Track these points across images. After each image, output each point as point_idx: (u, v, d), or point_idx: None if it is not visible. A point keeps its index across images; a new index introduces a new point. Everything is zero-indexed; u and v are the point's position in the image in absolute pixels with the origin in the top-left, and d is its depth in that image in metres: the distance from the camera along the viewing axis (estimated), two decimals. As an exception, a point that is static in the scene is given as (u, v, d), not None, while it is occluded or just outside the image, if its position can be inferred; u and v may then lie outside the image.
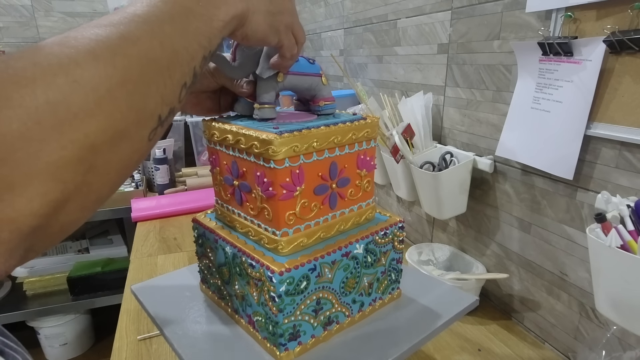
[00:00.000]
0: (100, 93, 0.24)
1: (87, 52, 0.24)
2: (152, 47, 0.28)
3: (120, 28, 0.27)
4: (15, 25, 1.95)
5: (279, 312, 0.45)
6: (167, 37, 0.29)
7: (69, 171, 0.23)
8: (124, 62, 0.26)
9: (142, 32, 0.28)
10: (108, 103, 0.24)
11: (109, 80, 0.25)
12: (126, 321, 0.83)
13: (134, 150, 0.28)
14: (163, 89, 0.29)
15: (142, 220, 1.34)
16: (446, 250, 0.97)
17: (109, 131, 0.25)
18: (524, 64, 0.71)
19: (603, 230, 0.54)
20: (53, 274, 1.75)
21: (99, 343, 1.95)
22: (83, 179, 0.24)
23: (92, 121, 0.23)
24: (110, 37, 0.26)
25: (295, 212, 0.47)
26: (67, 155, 0.22)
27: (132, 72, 0.26)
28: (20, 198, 0.21)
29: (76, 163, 0.23)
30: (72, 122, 0.23)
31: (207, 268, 0.59)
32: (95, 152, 0.24)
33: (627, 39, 0.54)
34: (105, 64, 0.25)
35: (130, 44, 0.27)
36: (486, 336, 0.78)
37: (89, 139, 0.23)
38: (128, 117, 0.26)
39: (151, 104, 0.28)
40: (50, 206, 0.22)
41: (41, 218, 0.22)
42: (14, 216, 0.21)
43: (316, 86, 0.53)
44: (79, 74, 0.23)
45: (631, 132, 0.56)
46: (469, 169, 0.84)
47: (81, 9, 2.03)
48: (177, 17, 0.30)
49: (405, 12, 1.05)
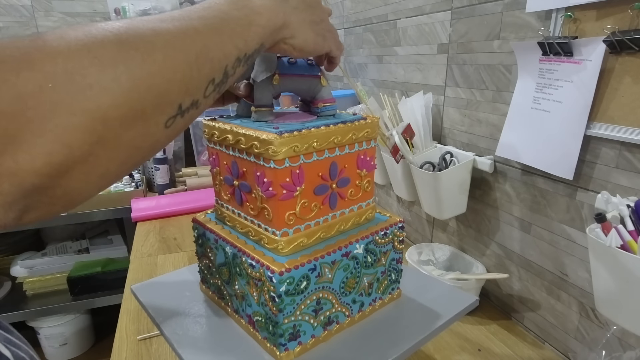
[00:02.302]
0: (119, 70, 0.25)
1: (113, 35, 0.26)
2: (180, 38, 0.29)
3: (150, 22, 0.28)
4: (15, 25, 1.95)
5: (279, 312, 0.45)
6: (198, 33, 0.31)
7: (76, 138, 0.24)
8: (147, 47, 0.27)
9: (172, 26, 0.29)
10: (125, 81, 0.25)
11: (129, 60, 0.26)
12: (126, 321, 0.83)
13: (148, 133, 0.28)
14: (188, 79, 0.30)
15: (142, 220, 1.34)
16: (446, 250, 0.97)
17: (123, 107, 0.25)
18: (524, 64, 0.71)
19: (603, 230, 0.54)
20: (53, 274, 1.75)
21: (99, 343, 1.95)
22: (90, 148, 0.25)
23: (107, 95, 0.24)
24: (139, 27, 0.28)
25: (295, 212, 0.47)
26: (75, 122, 0.23)
27: (156, 57, 0.27)
28: (24, 153, 0.22)
29: (84, 131, 0.24)
30: (86, 92, 0.24)
31: (207, 268, 0.59)
32: (106, 126, 0.25)
33: (627, 39, 0.54)
34: (128, 46, 0.26)
35: (158, 34, 0.28)
36: (486, 336, 0.78)
37: (100, 111, 0.24)
38: (146, 98, 0.27)
39: (173, 91, 0.29)
40: (53, 167, 0.23)
41: (43, 177, 0.23)
42: (16, 169, 0.22)
43: (315, 87, 0.53)
44: (101, 52, 0.25)
45: (631, 132, 0.56)
46: (469, 169, 0.84)
47: (81, 9, 2.03)
48: (213, 19, 0.32)
49: (405, 12, 1.05)
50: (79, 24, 0.26)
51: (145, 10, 1.96)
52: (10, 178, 0.22)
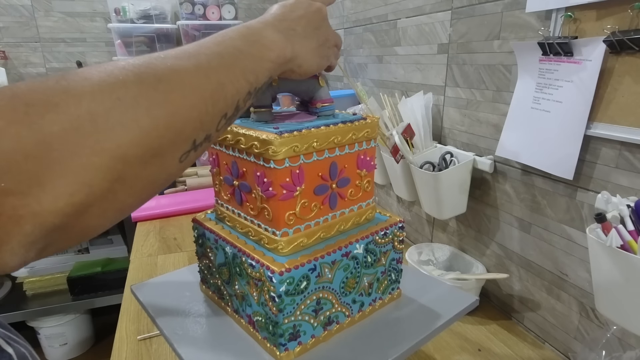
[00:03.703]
0: (140, 112, 0.26)
1: (134, 75, 0.27)
2: (197, 76, 0.30)
3: (168, 60, 0.29)
4: (15, 25, 1.94)
5: (279, 312, 0.45)
6: (212, 70, 0.31)
7: (97, 177, 0.24)
8: (167, 87, 0.28)
9: (189, 64, 0.30)
10: (145, 121, 0.26)
11: (149, 100, 0.27)
12: (126, 321, 0.83)
13: (163, 169, 0.29)
14: (203, 116, 0.31)
15: (142, 220, 1.34)
16: (446, 250, 0.97)
17: (142, 146, 0.26)
18: (524, 64, 0.71)
19: (603, 230, 0.54)
20: (53, 274, 1.75)
21: (99, 343, 1.95)
22: (110, 186, 0.25)
23: (127, 135, 0.25)
24: (158, 65, 0.28)
25: (295, 212, 0.47)
26: (97, 162, 0.24)
27: (174, 96, 0.28)
28: (47, 195, 0.22)
29: (105, 170, 0.24)
30: (108, 132, 0.24)
31: (207, 268, 0.59)
32: (126, 164, 0.25)
33: (627, 39, 0.54)
34: (148, 87, 0.27)
35: (176, 72, 0.29)
36: (486, 336, 0.78)
37: (120, 150, 0.25)
38: (164, 136, 0.28)
39: (189, 128, 0.30)
40: (74, 207, 0.24)
41: (64, 217, 0.23)
42: (39, 211, 0.22)
43: (313, 88, 0.53)
44: (123, 93, 0.26)
45: (631, 132, 0.56)
46: (469, 169, 0.84)
47: (81, 9, 2.03)
48: (227, 55, 0.33)
49: (405, 12, 1.05)
50: (100, 63, 0.27)
51: (145, 10, 1.96)
52: (33, 219, 0.22)
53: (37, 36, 1.99)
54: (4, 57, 1.95)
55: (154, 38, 2.01)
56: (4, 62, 1.95)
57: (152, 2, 1.97)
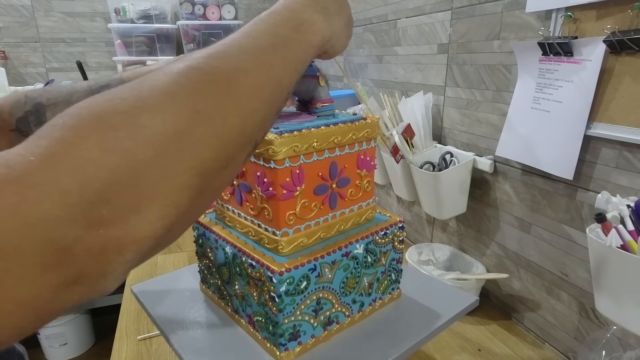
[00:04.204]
0: (217, 124, 0.25)
1: (207, 83, 0.26)
2: (259, 76, 0.29)
3: (231, 60, 0.28)
4: (15, 25, 1.95)
5: (279, 312, 0.45)
6: (272, 68, 0.30)
7: (184, 196, 0.24)
8: (237, 94, 0.27)
9: (251, 64, 0.29)
10: (223, 133, 0.26)
11: (224, 110, 0.26)
12: (126, 321, 0.83)
13: (232, 174, 0.29)
14: (267, 115, 0.30)
15: (142, 220, 1.34)
16: (446, 250, 0.97)
17: (221, 158, 0.26)
18: (524, 64, 0.71)
19: (603, 230, 0.54)
20: (53, 274, 1.75)
21: (99, 343, 1.94)
22: (192, 202, 0.25)
23: (209, 150, 0.25)
24: (225, 69, 0.27)
25: (296, 212, 0.47)
26: (184, 182, 0.24)
27: (244, 101, 0.28)
28: (143, 221, 0.22)
29: (189, 188, 0.24)
30: (192, 151, 0.24)
31: (207, 268, 0.59)
32: (207, 178, 0.25)
33: (627, 39, 0.54)
34: (221, 94, 0.26)
35: (243, 74, 0.28)
36: (486, 336, 0.78)
37: (204, 166, 0.25)
38: (236, 143, 0.27)
39: (255, 131, 0.29)
40: (166, 228, 0.23)
41: (157, 240, 0.23)
42: (139, 238, 0.22)
43: (313, 88, 0.53)
44: (201, 104, 0.25)
45: (631, 132, 0.56)
46: (469, 169, 0.84)
47: (81, 9, 2.03)
48: (279, 47, 0.32)
49: (405, 12, 1.05)
50: (161, 64, 0.26)
51: (145, 10, 1.96)
52: (133, 247, 0.22)
53: (37, 36, 1.99)
54: (4, 57, 1.95)
55: (154, 38, 2.01)
56: (4, 62, 1.95)
57: (152, 2, 1.97)
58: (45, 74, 2.03)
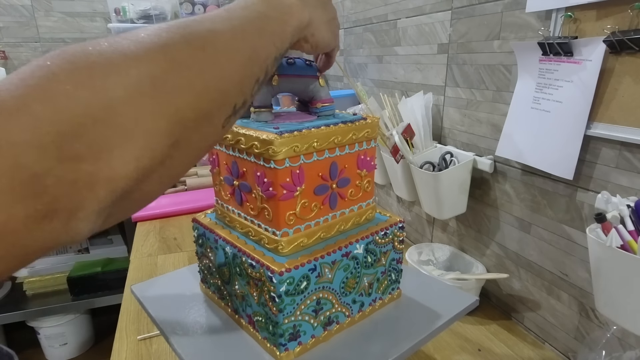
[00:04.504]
0: (193, 74, 0.26)
1: (180, 37, 0.27)
2: (235, 40, 0.31)
3: (205, 23, 0.29)
4: (15, 25, 1.95)
5: (279, 312, 0.45)
6: (247, 34, 0.32)
7: (159, 141, 0.24)
8: (212, 50, 0.28)
9: (226, 28, 0.30)
10: (199, 84, 0.27)
11: (200, 63, 0.27)
12: (126, 321, 0.83)
13: (210, 134, 0.30)
14: (244, 79, 0.31)
15: (142, 220, 1.34)
16: (446, 250, 0.97)
17: (196, 110, 0.27)
18: (524, 64, 0.71)
19: (603, 230, 0.54)
20: (53, 274, 1.75)
21: (99, 343, 1.95)
22: (168, 151, 0.25)
23: (184, 98, 0.26)
24: (199, 29, 0.29)
25: (296, 212, 0.47)
26: (159, 125, 0.24)
27: (221, 59, 0.29)
28: (117, 160, 0.22)
29: (165, 134, 0.25)
30: (167, 96, 0.25)
31: (207, 268, 0.59)
32: (182, 128, 0.26)
33: (627, 39, 0.54)
34: (196, 48, 0.27)
35: (218, 35, 0.29)
36: (486, 336, 0.78)
37: (179, 114, 0.25)
38: (214, 99, 0.28)
39: (233, 91, 0.30)
40: (140, 172, 0.24)
41: (132, 182, 0.24)
42: (111, 175, 0.22)
43: (313, 88, 0.53)
44: (176, 55, 0.26)
45: (631, 132, 0.56)
46: (469, 169, 0.84)
47: (81, 9, 2.03)
48: (255, 19, 0.34)
49: (405, 12, 1.05)
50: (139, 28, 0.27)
51: (145, 10, 1.96)
52: (106, 184, 0.22)
53: (37, 36, 1.99)
54: (4, 57, 1.95)
55: (154, 38, 2.01)
56: (4, 62, 1.95)
57: (152, 2, 1.97)
58: (45, 74, 2.03)
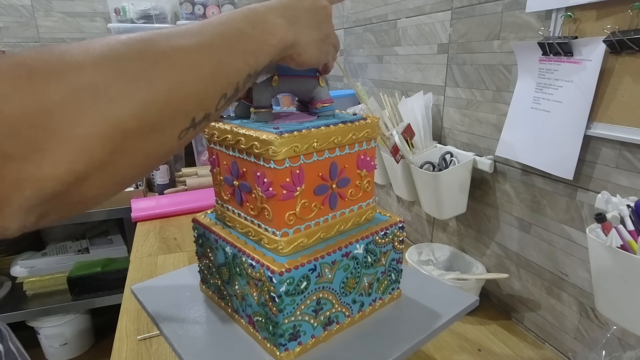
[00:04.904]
0: (140, 85, 0.26)
1: (135, 50, 0.27)
2: (198, 54, 0.31)
3: (171, 38, 0.30)
4: (15, 25, 1.94)
5: (279, 313, 0.45)
6: (214, 49, 0.32)
7: (96, 147, 0.25)
8: (167, 63, 0.28)
9: (191, 43, 0.31)
10: (146, 95, 0.27)
11: (150, 75, 0.27)
12: (126, 321, 0.83)
13: (162, 144, 0.29)
14: (203, 94, 0.31)
15: (142, 220, 1.34)
16: (446, 250, 0.97)
17: (141, 120, 0.27)
18: (524, 64, 0.71)
19: (603, 230, 0.54)
20: (53, 274, 1.75)
21: (99, 343, 1.94)
22: (109, 158, 0.26)
23: (127, 107, 0.26)
24: (160, 42, 0.29)
25: (296, 212, 0.47)
26: (97, 132, 0.24)
27: (175, 72, 0.29)
28: (48, 161, 0.23)
29: (104, 141, 0.25)
30: (108, 104, 0.25)
31: (207, 268, 0.59)
32: (125, 136, 0.26)
33: (627, 39, 0.54)
34: (149, 62, 0.27)
35: (178, 50, 0.30)
36: (486, 336, 0.78)
37: (120, 122, 0.25)
38: (163, 111, 0.28)
39: (189, 104, 0.30)
40: (73, 175, 0.24)
41: (63, 185, 0.24)
42: (39, 176, 0.23)
43: (313, 88, 0.53)
44: (124, 65, 0.26)
45: (631, 132, 0.56)
46: (469, 169, 0.84)
47: (81, 9, 2.03)
48: (229, 36, 0.34)
49: (405, 12, 1.05)
50: (101, 37, 0.27)
51: (145, 10, 1.96)
52: (33, 184, 0.23)
53: (37, 36, 1.99)
54: (4, 57, 1.95)
55: (154, 38, 2.00)
56: (4, 62, 1.95)
57: (152, 2, 1.97)
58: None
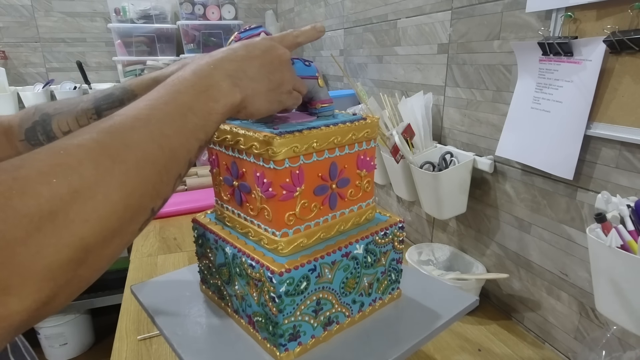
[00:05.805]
0: (98, 200, 0.26)
1: (89, 161, 0.26)
2: (151, 150, 0.30)
3: (122, 135, 0.29)
4: (15, 25, 1.95)
5: (279, 313, 0.45)
6: (166, 139, 0.31)
7: (62, 271, 0.24)
8: (122, 168, 0.27)
9: (142, 137, 0.30)
10: (105, 208, 0.26)
11: (107, 187, 0.26)
12: (126, 321, 0.83)
13: (123, 242, 0.29)
14: (159, 185, 0.31)
15: (142, 220, 1.34)
16: (446, 250, 0.97)
17: (103, 232, 0.26)
18: (524, 64, 0.71)
19: (603, 230, 0.54)
20: (53, 274, 1.75)
21: (99, 343, 1.95)
22: (74, 274, 0.25)
23: (88, 225, 0.25)
24: (110, 145, 0.28)
25: (295, 212, 0.47)
26: (62, 258, 0.24)
27: (130, 176, 0.28)
28: (14, 298, 0.22)
29: (69, 263, 0.24)
30: (69, 227, 0.24)
31: (207, 268, 0.59)
32: (88, 252, 0.25)
33: (627, 39, 0.54)
34: (104, 172, 0.26)
35: (130, 150, 0.28)
36: (486, 336, 0.78)
37: (83, 242, 0.25)
38: (123, 217, 0.27)
39: (146, 200, 0.30)
40: (40, 302, 0.23)
41: (31, 313, 0.23)
42: (7, 315, 0.22)
43: (312, 88, 0.53)
44: (79, 184, 0.25)
45: (631, 132, 0.56)
46: (469, 169, 0.84)
47: (81, 9, 2.03)
48: (177, 116, 0.33)
49: (405, 12, 1.05)
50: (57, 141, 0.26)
51: (145, 10, 1.96)
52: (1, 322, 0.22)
53: (37, 36, 1.99)
54: (4, 57, 1.95)
55: (154, 38, 2.01)
56: (4, 62, 1.95)
57: (152, 2, 1.97)
58: (45, 74, 2.03)
